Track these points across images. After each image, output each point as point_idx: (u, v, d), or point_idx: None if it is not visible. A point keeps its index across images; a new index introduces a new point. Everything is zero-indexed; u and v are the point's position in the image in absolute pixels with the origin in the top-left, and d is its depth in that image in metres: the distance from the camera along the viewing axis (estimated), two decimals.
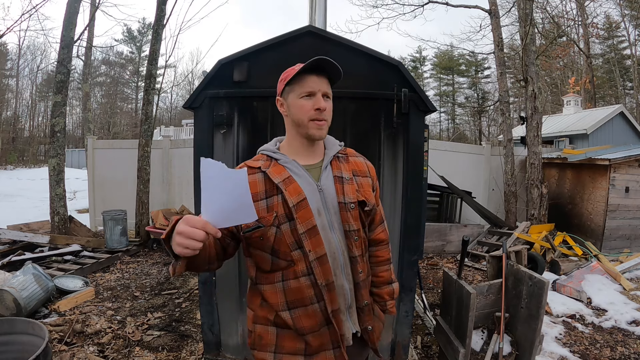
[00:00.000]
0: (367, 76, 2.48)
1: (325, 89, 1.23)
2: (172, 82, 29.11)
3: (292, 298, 1.19)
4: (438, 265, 5.85)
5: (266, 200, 1.20)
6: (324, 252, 1.19)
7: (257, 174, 1.23)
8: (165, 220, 6.32)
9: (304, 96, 1.22)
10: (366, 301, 1.29)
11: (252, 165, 1.26)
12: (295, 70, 1.21)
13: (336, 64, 1.21)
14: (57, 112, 6.19)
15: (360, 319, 1.29)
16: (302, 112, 1.22)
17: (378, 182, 1.50)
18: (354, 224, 1.25)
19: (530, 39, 7.05)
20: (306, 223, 1.17)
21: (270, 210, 1.18)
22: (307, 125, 1.22)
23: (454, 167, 7.49)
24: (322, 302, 1.19)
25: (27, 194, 13.28)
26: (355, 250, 1.25)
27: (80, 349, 3.08)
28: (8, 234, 5.79)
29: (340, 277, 1.22)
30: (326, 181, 1.25)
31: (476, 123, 31.93)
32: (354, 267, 1.25)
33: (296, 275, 1.18)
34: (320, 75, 1.23)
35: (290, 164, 1.24)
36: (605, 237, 6.20)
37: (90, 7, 11.04)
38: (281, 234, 1.18)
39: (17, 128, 26.81)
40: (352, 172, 1.31)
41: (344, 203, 1.23)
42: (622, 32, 21.04)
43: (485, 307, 2.71)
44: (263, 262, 1.22)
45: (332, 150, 1.32)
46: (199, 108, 2.47)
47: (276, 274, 1.21)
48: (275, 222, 1.18)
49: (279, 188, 1.19)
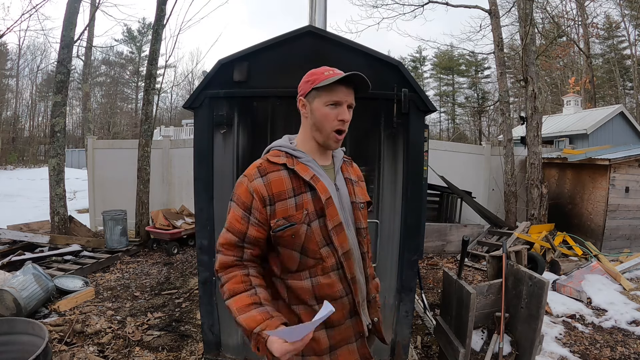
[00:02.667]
0: (367, 76, 2.45)
1: (350, 100, 1.26)
2: (172, 82, 29.09)
3: (322, 293, 1.21)
4: (438, 265, 5.84)
5: (295, 198, 1.20)
6: (348, 247, 1.24)
7: (282, 171, 1.22)
8: (165, 220, 6.32)
9: (330, 104, 1.23)
10: (373, 294, 1.37)
11: (275, 161, 1.24)
12: (325, 77, 1.22)
13: (366, 79, 1.23)
14: (57, 112, 6.19)
15: (369, 311, 1.35)
16: (326, 120, 1.24)
17: (379, 182, 1.55)
18: (364, 222, 1.33)
19: (530, 39, 7.05)
20: (334, 220, 1.21)
21: (300, 207, 1.19)
22: (329, 135, 1.25)
23: (454, 167, 7.49)
24: (351, 295, 1.24)
25: (27, 194, 13.27)
26: (365, 246, 1.33)
27: (80, 349, 3.08)
28: (8, 234, 5.79)
29: (357, 272, 1.28)
30: (340, 182, 1.30)
31: (476, 123, 31.92)
32: (364, 263, 1.33)
33: (325, 271, 1.21)
34: (349, 87, 1.25)
35: (311, 163, 1.26)
36: (605, 237, 6.20)
37: (90, 7, 11.05)
38: (311, 231, 1.19)
39: (17, 128, 26.79)
40: (357, 176, 1.41)
41: (356, 203, 1.31)
42: (622, 32, 21.05)
43: (485, 307, 2.71)
44: (290, 261, 1.23)
45: (339, 154, 1.38)
46: (199, 108, 2.47)
47: (303, 272, 1.22)
48: (306, 220, 1.19)
49: (309, 185, 1.21)
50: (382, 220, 2.50)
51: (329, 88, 1.22)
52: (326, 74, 1.24)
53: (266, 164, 1.24)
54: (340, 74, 1.22)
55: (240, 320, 1.13)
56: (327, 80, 1.21)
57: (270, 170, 1.22)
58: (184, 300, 4.29)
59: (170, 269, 5.40)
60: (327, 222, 1.20)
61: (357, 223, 1.30)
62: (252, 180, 1.21)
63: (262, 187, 1.19)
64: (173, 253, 6.05)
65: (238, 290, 1.18)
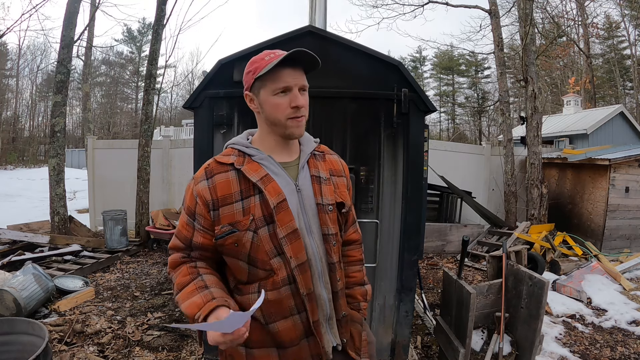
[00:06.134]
0: (367, 76, 2.49)
1: (301, 82, 1.10)
2: (172, 82, 29.13)
3: (270, 311, 1.08)
4: (438, 265, 5.84)
5: (242, 201, 1.07)
6: (305, 258, 1.08)
7: (230, 172, 1.09)
8: (165, 220, 6.32)
9: (278, 93, 1.08)
10: (344, 312, 1.20)
11: (223, 161, 1.11)
12: (266, 62, 1.07)
13: (314, 54, 1.07)
14: (57, 112, 6.19)
15: (340, 331, 1.19)
16: (278, 111, 1.09)
17: (379, 182, 1.47)
18: (332, 227, 1.15)
19: (530, 39, 7.05)
20: (287, 226, 1.06)
21: (247, 212, 1.06)
22: (286, 124, 1.10)
23: (454, 167, 7.49)
24: (304, 313, 1.09)
25: (27, 194, 13.27)
26: (334, 255, 1.15)
27: (80, 349, 3.08)
28: (8, 234, 5.80)
29: (319, 286, 1.12)
30: (304, 181, 1.14)
31: (476, 123, 31.93)
32: (332, 275, 1.15)
33: (276, 285, 1.07)
34: (295, 67, 1.09)
35: (266, 161, 1.12)
36: (605, 237, 6.20)
37: (90, 7, 11.06)
38: (258, 239, 1.06)
39: (17, 128, 26.81)
40: (329, 172, 1.21)
41: (322, 205, 1.13)
42: (622, 32, 21.04)
43: (485, 307, 2.71)
44: (239, 272, 1.11)
45: (309, 147, 1.21)
46: (199, 108, 2.48)
47: (252, 285, 1.10)
48: (252, 227, 1.05)
49: (257, 187, 1.07)
50: (382, 220, 2.50)
51: (272, 74, 1.07)
52: (267, 58, 1.08)
53: (214, 164, 1.11)
54: (283, 54, 1.06)
55: (183, 309, 1.02)
56: (268, 66, 1.05)
57: (217, 172, 1.09)
58: None
59: None
60: (277, 230, 1.05)
61: (324, 228, 1.13)
62: (197, 183, 1.10)
63: (206, 191, 1.07)
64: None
65: (184, 282, 1.09)
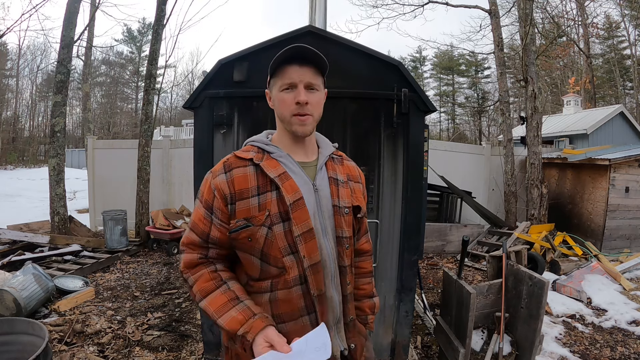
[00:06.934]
0: (367, 76, 2.48)
1: (308, 80, 1.09)
2: (172, 82, 29.11)
3: (280, 311, 1.07)
4: (438, 265, 5.84)
5: (258, 197, 1.07)
6: (318, 259, 1.08)
7: (249, 167, 1.09)
8: (165, 220, 6.32)
9: (284, 89, 1.10)
10: (352, 316, 1.19)
11: (242, 156, 1.12)
12: (276, 61, 1.09)
13: (315, 50, 1.08)
14: (57, 112, 6.19)
15: (347, 335, 1.18)
16: (283, 107, 1.10)
17: (379, 182, 1.45)
18: (347, 230, 1.15)
19: (530, 39, 7.05)
20: (302, 225, 1.06)
21: (263, 208, 1.06)
22: (290, 121, 1.10)
23: (454, 167, 7.49)
24: (314, 314, 1.08)
25: (27, 194, 13.27)
26: (346, 259, 1.15)
27: (80, 349, 3.08)
28: (8, 234, 5.79)
29: (330, 288, 1.11)
30: (321, 182, 1.14)
31: (476, 123, 31.92)
32: (342, 278, 1.15)
33: (287, 284, 1.06)
34: (303, 65, 1.09)
35: (285, 159, 1.12)
36: (605, 237, 6.20)
37: (90, 7, 11.06)
38: (273, 235, 1.05)
39: (17, 128, 26.81)
40: (347, 176, 1.22)
41: (338, 207, 1.13)
42: (622, 32, 21.04)
43: (485, 307, 2.71)
44: (251, 268, 1.11)
45: (327, 150, 1.21)
46: (199, 108, 2.47)
47: (264, 282, 1.09)
48: (267, 222, 1.05)
49: (275, 183, 1.07)
50: (382, 220, 2.50)
51: (280, 71, 1.09)
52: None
53: (233, 159, 1.12)
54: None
55: (221, 323, 1.03)
56: (274, 63, 1.07)
57: (236, 166, 1.09)
58: (184, 300, 4.29)
59: (170, 269, 5.40)
60: (293, 227, 1.05)
61: (338, 231, 1.13)
62: (215, 177, 1.10)
63: (225, 184, 1.07)
64: (173, 253, 6.05)
65: (209, 289, 1.07)
